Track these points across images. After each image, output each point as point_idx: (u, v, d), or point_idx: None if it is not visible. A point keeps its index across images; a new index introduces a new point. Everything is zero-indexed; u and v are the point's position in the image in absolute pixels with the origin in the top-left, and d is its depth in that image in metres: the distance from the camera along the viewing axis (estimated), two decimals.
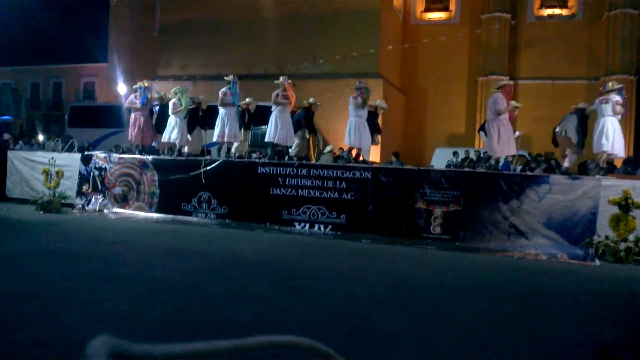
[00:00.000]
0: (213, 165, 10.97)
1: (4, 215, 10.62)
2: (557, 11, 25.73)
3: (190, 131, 12.37)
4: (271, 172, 10.43)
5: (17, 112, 18.00)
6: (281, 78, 11.71)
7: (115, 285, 5.16)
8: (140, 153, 12.31)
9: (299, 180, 10.15)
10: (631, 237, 8.01)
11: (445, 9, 27.16)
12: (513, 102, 10.41)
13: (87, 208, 11.74)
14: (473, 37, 25.66)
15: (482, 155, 16.18)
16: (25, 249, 6.94)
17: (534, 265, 7.73)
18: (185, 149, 12.41)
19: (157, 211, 11.31)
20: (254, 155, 13.15)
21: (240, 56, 23.90)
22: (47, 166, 12.11)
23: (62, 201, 11.62)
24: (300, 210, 10.07)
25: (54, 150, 13.45)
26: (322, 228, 9.86)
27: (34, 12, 32.99)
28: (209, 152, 13.09)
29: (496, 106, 9.87)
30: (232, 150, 12.14)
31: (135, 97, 12.57)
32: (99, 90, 34.98)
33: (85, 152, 12.83)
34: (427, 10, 27.49)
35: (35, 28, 35.40)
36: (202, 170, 10.92)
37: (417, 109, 25.87)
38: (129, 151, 13.02)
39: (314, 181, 10.04)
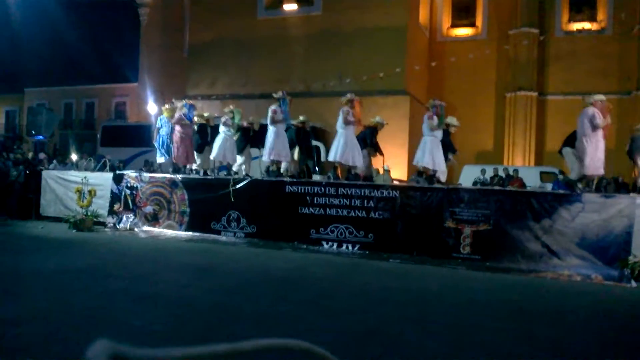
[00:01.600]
0: (242, 184, 11.07)
1: (39, 234, 10.89)
2: (586, 25, 25.39)
3: (240, 151, 12.39)
4: (299, 190, 10.47)
5: (48, 131, 18.46)
6: (349, 95, 11.26)
7: (145, 304, 5.23)
8: (186, 172, 12.24)
9: (327, 199, 10.16)
10: None
11: (472, 24, 27.06)
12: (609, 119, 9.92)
13: (118, 227, 11.95)
14: (501, 52, 25.47)
15: (511, 173, 15.98)
16: (58, 267, 7.10)
17: (567, 287, 7.56)
18: (235, 168, 12.41)
19: (187, 230, 11.44)
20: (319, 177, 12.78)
21: (267, 74, 24.18)
22: (80, 185, 12.40)
23: (95, 219, 11.86)
24: (329, 229, 10.07)
25: (86, 170, 13.78)
26: (350, 247, 9.83)
27: (66, 33, 34.00)
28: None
29: (594, 120, 9.42)
30: (282, 169, 11.84)
31: (182, 114, 12.32)
32: (130, 110, 35.75)
33: (117, 172, 13.10)
34: (453, 26, 27.43)
35: (67, 49, 36.46)
36: (230, 189, 11.03)
37: None
38: (160, 170, 13.08)
39: (342, 200, 10.03)
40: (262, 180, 11.42)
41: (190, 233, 11.31)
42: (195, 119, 12.58)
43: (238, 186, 11.04)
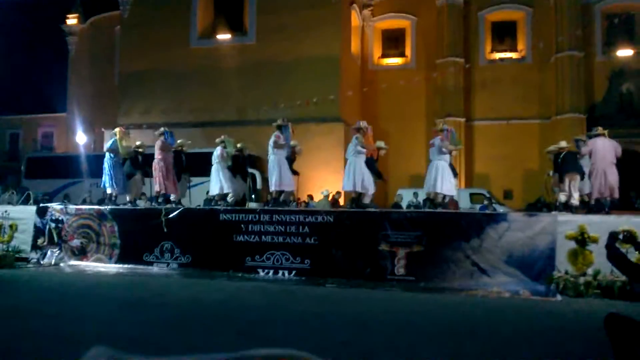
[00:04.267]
0: (175, 214, 10.80)
1: None
2: (508, 55, 26.91)
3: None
4: (234, 219, 10.33)
5: None
6: (361, 123, 11.16)
7: (65, 344, 4.94)
8: (173, 203, 11.80)
9: (262, 226, 10.06)
10: (589, 270, 8.17)
11: (402, 54, 28.04)
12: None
13: (42, 262, 11.32)
14: (429, 80, 26.46)
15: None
16: None
17: (497, 303, 7.78)
18: (229, 198, 11.98)
19: (117, 262, 10.98)
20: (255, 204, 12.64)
21: (201, 103, 23.98)
22: (0, 220, 11.69)
23: (17, 255, 11.20)
24: (264, 257, 9.95)
25: (9, 203, 13.05)
26: (286, 274, 9.74)
27: None
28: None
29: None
30: (282, 197, 11.45)
31: (163, 140, 12.12)
32: (57, 140, 34.36)
33: (41, 204, 12.48)
34: (384, 55, 28.33)
35: None
36: (163, 219, 10.73)
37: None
38: (102, 202, 12.60)
39: (277, 227, 9.97)
40: (195, 209, 11.20)
41: (120, 266, 10.87)
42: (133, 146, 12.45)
43: (171, 216, 10.76)
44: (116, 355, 0.67)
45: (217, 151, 12.07)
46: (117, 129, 12.66)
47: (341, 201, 16.28)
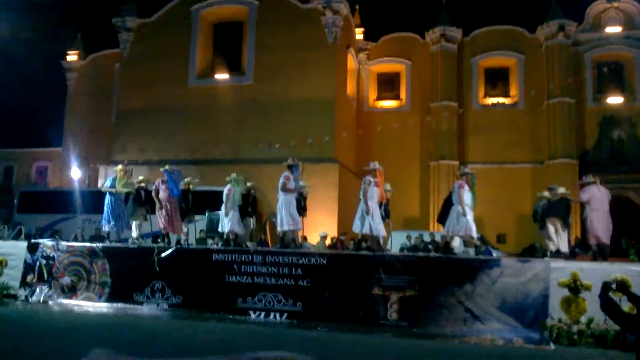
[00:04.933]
0: (167, 253, 10.72)
1: None
2: (500, 100, 27.38)
3: (241, 218, 12.05)
4: (226, 259, 10.26)
5: None
6: (372, 164, 10.98)
7: None
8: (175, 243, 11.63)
9: (255, 267, 10.00)
10: (583, 318, 8.13)
11: (397, 97, 28.49)
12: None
13: (31, 299, 11.14)
14: (424, 123, 26.81)
15: (437, 239, 16.42)
16: None
17: (490, 352, 7.69)
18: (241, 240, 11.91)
19: (107, 301, 10.81)
20: (210, 241, 12.79)
21: (198, 141, 24.11)
22: None
23: (5, 292, 11.04)
24: (256, 298, 9.85)
25: (0, 238, 12.94)
26: (277, 316, 9.62)
27: None
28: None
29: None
30: (288, 237, 11.09)
31: (162, 181, 11.91)
32: (51, 175, 34.27)
33: (32, 240, 12.37)
34: (379, 98, 28.78)
35: None
36: (155, 258, 10.64)
37: None
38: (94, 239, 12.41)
39: (270, 268, 9.90)
40: (188, 248, 11.13)
41: (110, 305, 10.71)
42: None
43: (163, 255, 10.69)
44: (115, 358, 0.69)
45: (225, 191, 11.93)
46: (118, 167, 12.44)
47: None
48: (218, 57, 26.40)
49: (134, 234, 12.13)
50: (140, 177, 12.69)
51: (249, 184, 12.80)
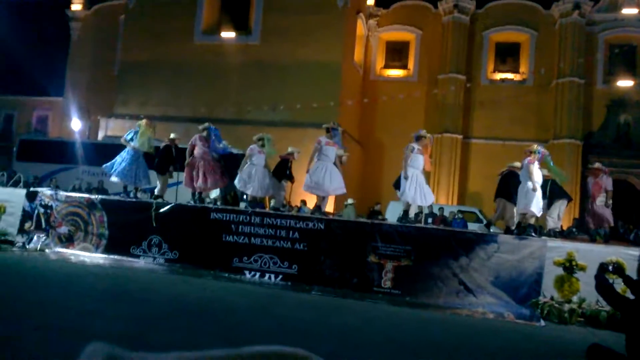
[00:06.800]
0: (165, 209, 10.72)
1: None
2: (509, 76, 27.05)
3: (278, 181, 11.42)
4: (224, 218, 10.27)
5: None
6: (421, 131, 10.34)
7: (43, 334, 4.87)
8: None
9: (252, 228, 10.01)
10: (575, 298, 8.19)
11: (404, 67, 28.12)
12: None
13: (28, 246, 11.19)
14: (430, 95, 26.53)
15: (435, 211, 16.45)
16: None
17: (480, 324, 7.77)
18: (272, 202, 11.58)
19: (103, 252, 10.89)
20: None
21: (200, 99, 23.91)
22: None
23: (3, 238, 11.07)
24: (252, 259, 9.89)
25: None
26: (272, 278, 9.69)
27: None
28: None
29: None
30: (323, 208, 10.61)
31: (200, 138, 11.27)
32: (51, 125, 34.10)
33: (31, 188, 12.36)
34: (386, 66, 28.41)
35: None
36: (152, 213, 10.65)
37: (373, 161, 26.27)
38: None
39: (267, 230, 9.93)
40: (186, 205, 11.12)
41: (106, 256, 10.77)
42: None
43: (161, 210, 10.69)
44: (114, 352, 0.66)
45: (251, 149, 11.00)
46: (142, 121, 11.84)
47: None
48: (225, 15, 25.96)
49: (158, 191, 11.70)
50: (172, 135, 12.30)
51: (291, 149, 12.10)
